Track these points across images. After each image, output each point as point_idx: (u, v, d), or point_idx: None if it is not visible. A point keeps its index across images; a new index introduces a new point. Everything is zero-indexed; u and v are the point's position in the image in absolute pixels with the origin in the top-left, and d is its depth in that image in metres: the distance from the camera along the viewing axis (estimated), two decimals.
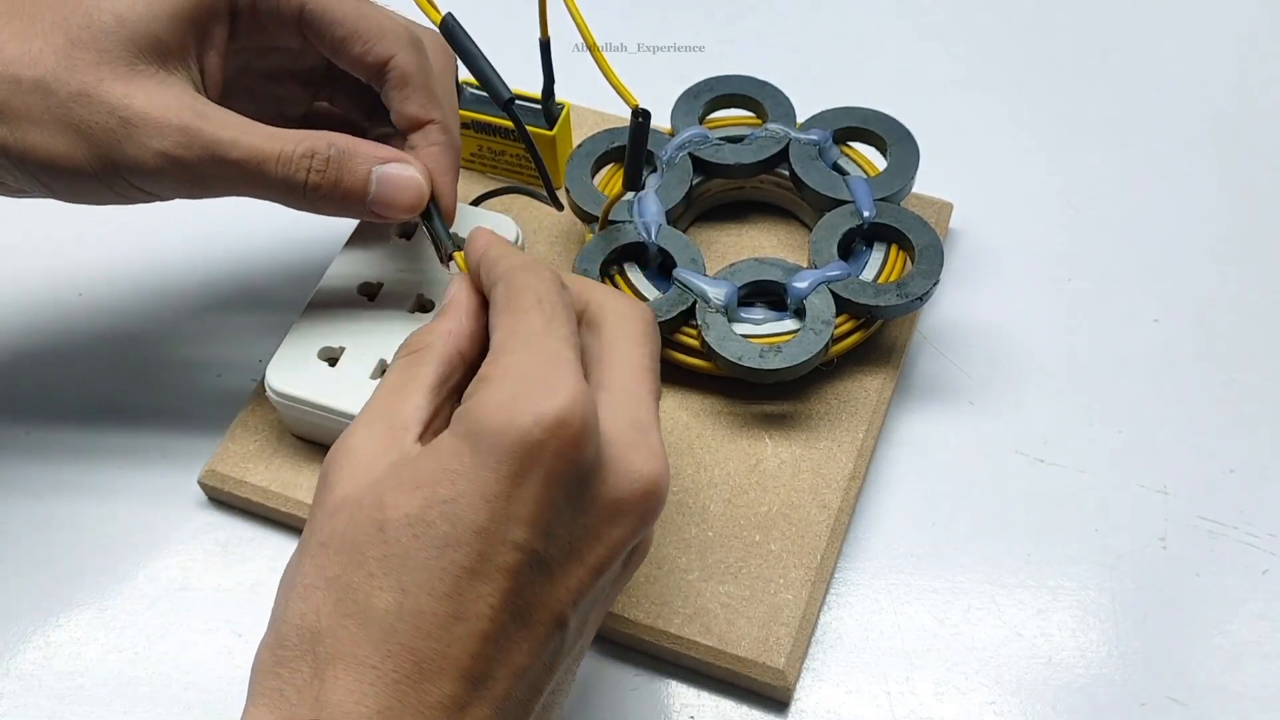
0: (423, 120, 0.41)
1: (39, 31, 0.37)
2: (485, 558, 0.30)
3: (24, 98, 0.37)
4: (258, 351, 0.49)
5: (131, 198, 0.39)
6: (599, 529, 0.31)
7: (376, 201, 0.39)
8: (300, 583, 0.31)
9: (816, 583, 0.42)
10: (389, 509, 0.30)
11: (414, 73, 0.40)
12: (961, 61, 0.60)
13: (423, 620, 0.29)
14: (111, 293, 0.51)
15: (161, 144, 0.37)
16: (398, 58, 0.40)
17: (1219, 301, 0.50)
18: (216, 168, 0.38)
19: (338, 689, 0.29)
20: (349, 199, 0.39)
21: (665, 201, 0.47)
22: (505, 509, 0.30)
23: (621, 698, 0.41)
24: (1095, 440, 0.46)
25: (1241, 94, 0.58)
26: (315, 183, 0.39)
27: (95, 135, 0.37)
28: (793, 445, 0.45)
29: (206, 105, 0.38)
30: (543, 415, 0.30)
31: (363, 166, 0.39)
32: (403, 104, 0.41)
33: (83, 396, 0.48)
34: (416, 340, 0.35)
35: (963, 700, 0.41)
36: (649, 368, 0.35)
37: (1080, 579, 0.43)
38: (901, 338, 0.48)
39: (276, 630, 0.31)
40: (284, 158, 0.38)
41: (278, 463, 0.45)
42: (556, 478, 0.30)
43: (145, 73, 0.38)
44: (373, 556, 0.30)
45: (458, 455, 0.30)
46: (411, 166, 0.40)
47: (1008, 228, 0.53)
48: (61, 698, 0.42)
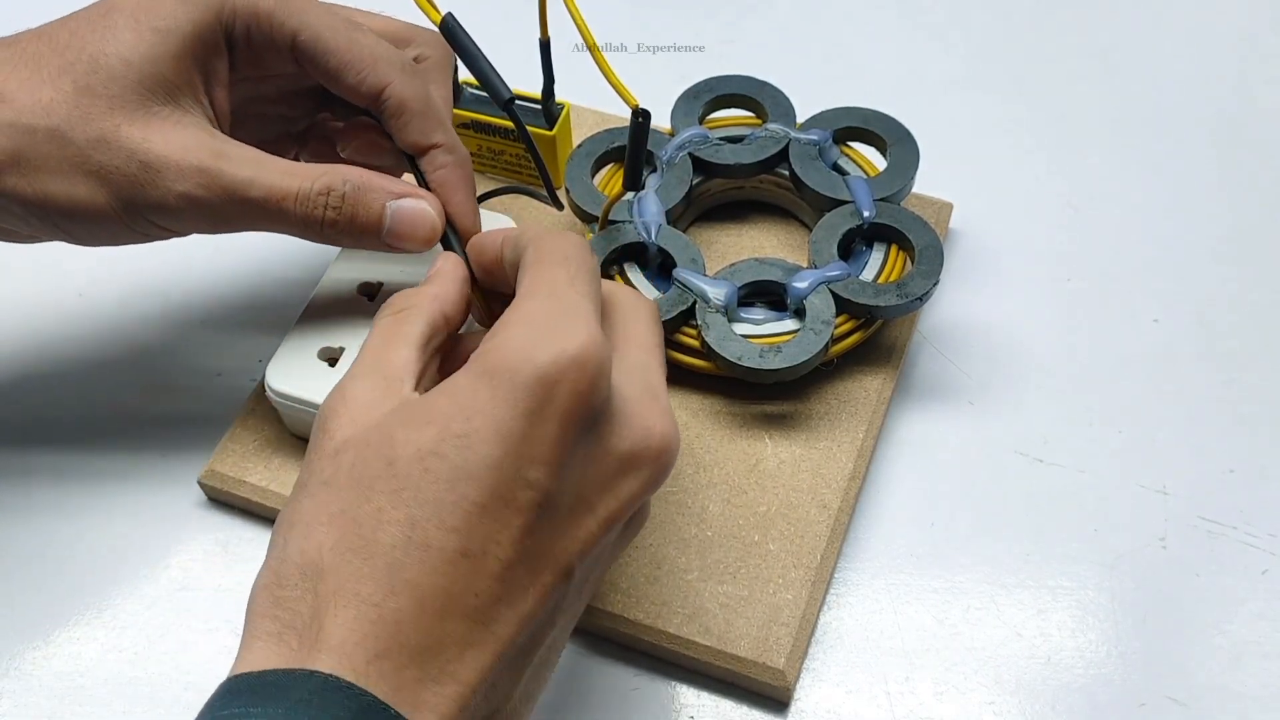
0: (424, 146, 0.41)
1: (46, 79, 0.38)
2: (498, 494, 0.29)
3: (40, 147, 0.37)
4: (258, 351, 0.49)
5: (152, 236, 0.40)
6: (611, 480, 0.32)
7: (391, 234, 0.40)
8: (301, 520, 0.30)
9: (816, 583, 0.42)
10: (399, 445, 0.30)
11: (410, 99, 0.41)
12: (961, 61, 0.60)
13: (429, 555, 0.29)
14: (111, 294, 0.51)
15: (183, 186, 0.38)
16: (392, 86, 0.40)
17: (1219, 301, 0.50)
18: (236, 207, 0.38)
19: (338, 628, 0.28)
20: (364, 233, 0.40)
21: (665, 201, 0.47)
22: (520, 447, 0.30)
23: (621, 698, 0.41)
24: (1095, 440, 0.46)
25: (1241, 94, 0.58)
26: (332, 219, 0.39)
27: (116, 180, 0.38)
28: (792, 445, 0.45)
29: (224, 143, 0.39)
30: (560, 354, 0.30)
31: (377, 202, 0.40)
32: (402, 132, 0.41)
33: (82, 397, 0.48)
34: (401, 300, 0.36)
35: (962, 700, 0.41)
36: (659, 345, 0.36)
37: (1080, 579, 0.43)
38: (901, 338, 0.48)
39: (275, 570, 0.30)
40: (302, 195, 0.39)
41: (278, 463, 0.45)
42: (571, 419, 0.30)
43: (160, 114, 0.38)
44: (381, 491, 0.30)
45: (473, 392, 0.30)
46: (424, 201, 0.40)
47: (1008, 228, 0.53)
48: (61, 698, 0.42)
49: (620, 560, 0.42)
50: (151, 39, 0.38)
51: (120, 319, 0.50)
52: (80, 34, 0.38)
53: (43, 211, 0.38)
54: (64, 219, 0.38)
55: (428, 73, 0.42)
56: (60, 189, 0.38)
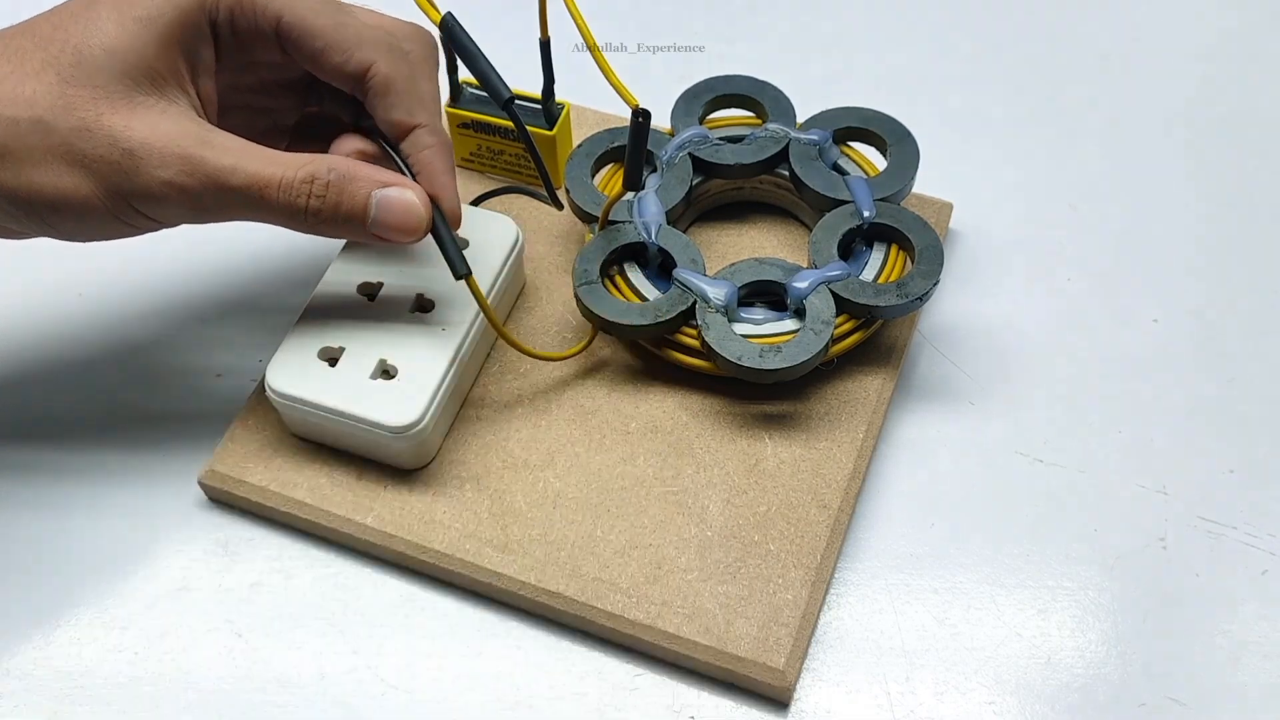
0: (408, 125, 0.41)
1: (30, 73, 0.38)
2: None
3: (23, 139, 0.37)
4: (258, 352, 0.49)
5: (140, 227, 0.40)
6: None
7: (377, 224, 0.40)
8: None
9: (816, 583, 0.42)
10: None
11: (395, 79, 0.40)
12: (962, 61, 0.60)
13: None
14: (111, 294, 0.51)
15: (166, 173, 0.38)
16: (376, 65, 0.40)
17: (1219, 301, 0.50)
18: (219, 194, 0.38)
19: None
20: (349, 222, 0.40)
21: (665, 201, 0.47)
22: None
23: (622, 697, 0.41)
24: (1095, 440, 0.46)
25: (1241, 94, 0.58)
26: (315, 207, 0.39)
27: (100, 168, 0.38)
28: (792, 445, 0.45)
29: (209, 131, 0.39)
30: None
31: (362, 191, 0.40)
32: (386, 111, 0.41)
33: (83, 397, 0.48)
34: None
35: (962, 700, 0.41)
36: None
37: (1080, 579, 0.43)
38: (901, 338, 0.48)
39: None
40: (285, 183, 0.39)
41: (278, 463, 0.45)
42: None
43: (145, 103, 0.38)
44: None
45: None
46: (410, 191, 0.40)
47: (1008, 228, 0.53)
48: (61, 698, 0.42)
49: (620, 560, 0.42)
50: (135, 28, 0.38)
51: (120, 319, 0.51)
52: (63, 26, 0.38)
53: (29, 205, 0.38)
54: (50, 212, 0.38)
55: (414, 64, 0.42)
56: (45, 179, 0.38)
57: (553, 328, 0.48)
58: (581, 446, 0.45)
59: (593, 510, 0.43)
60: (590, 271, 0.45)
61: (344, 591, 0.44)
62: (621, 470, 0.44)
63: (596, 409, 0.46)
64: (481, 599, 0.43)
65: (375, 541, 0.43)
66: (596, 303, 0.45)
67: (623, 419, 0.46)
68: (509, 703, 0.41)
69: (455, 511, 0.43)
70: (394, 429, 0.42)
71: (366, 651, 0.42)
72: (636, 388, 0.46)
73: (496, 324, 0.43)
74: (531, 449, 0.45)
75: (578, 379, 0.47)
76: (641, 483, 0.44)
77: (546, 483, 0.44)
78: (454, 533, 0.43)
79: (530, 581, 0.42)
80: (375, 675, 0.42)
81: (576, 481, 0.44)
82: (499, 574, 0.42)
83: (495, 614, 0.43)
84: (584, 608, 0.41)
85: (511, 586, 0.42)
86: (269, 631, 0.43)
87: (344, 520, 0.43)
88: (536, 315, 0.49)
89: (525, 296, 0.49)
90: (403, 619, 0.43)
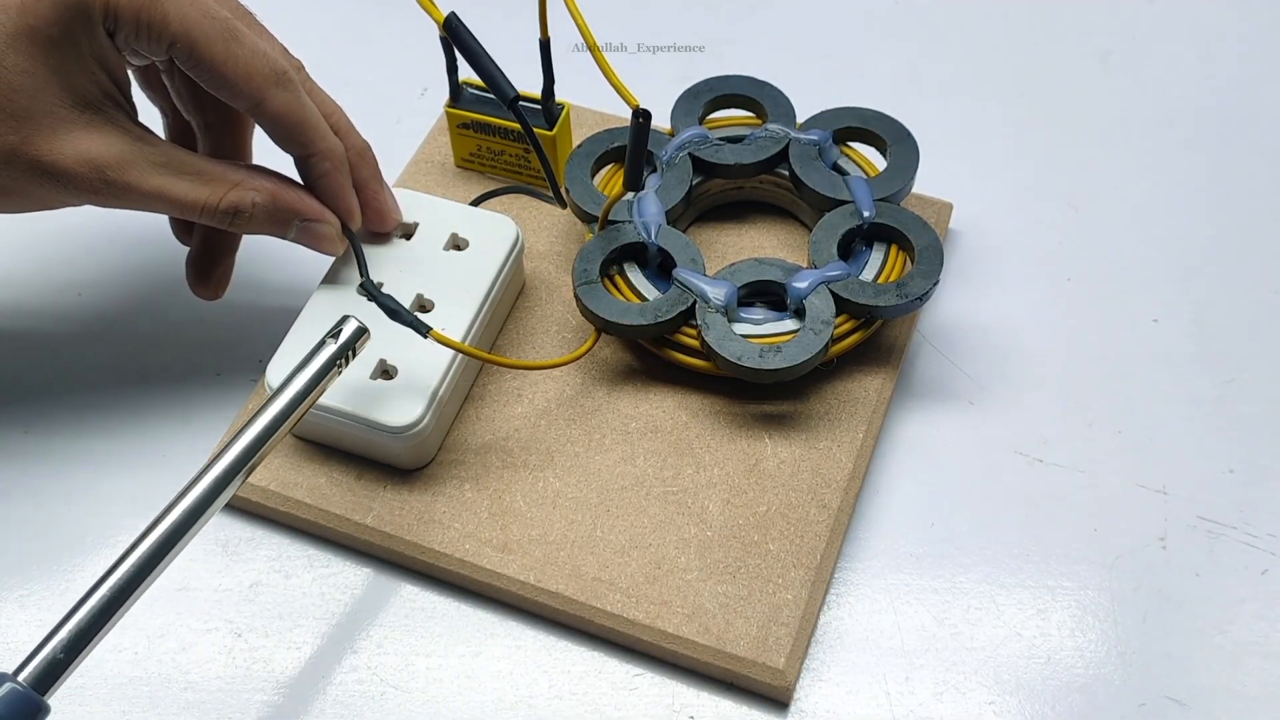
0: (303, 156, 0.43)
1: None
2: None
3: None
4: (258, 351, 0.49)
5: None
6: None
7: (297, 242, 0.44)
8: None
9: (816, 583, 0.42)
10: None
11: (283, 114, 0.41)
12: (962, 62, 0.60)
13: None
14: (111, 293, 0.51)
15: (87, 199, 0.40)
16: (263, 104, 0.41)
17: (1218, 301, 0.50)
18: (143, 209, 0.41)
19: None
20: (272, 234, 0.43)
21: (665, 201, 0.47)
22: None
23: (621, 697, 0.41)
24: (1095, 440, 0.46)
25: (1241, 94, 0.58)
26: (238, 227, 0.42)
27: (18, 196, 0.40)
28: (792, 445, 0.45)
29: (137, 148, 0.40)
30: None
31: (284, 224, 0.43)
32: (280, 144, 0.42)
33: (82, 396, 0.48)
34: None
35: (962, 700, 0.41)
36: None
37: (1080, 579, 0.43)
38: (901, 338, 0.48)
39: None
40: (208, 208, 0.41)
41: (278, 463, 0.45)
42: None
43: (76, 121, 0.39)
44: None
45: None
46: (327, 224, 0.43)
47: (1008, 228, 0.53)
48: (62, 698, 0.41)
49: (620, 560, 0.42)
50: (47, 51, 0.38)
51: (120, 319, 0.51)
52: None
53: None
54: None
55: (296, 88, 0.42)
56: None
57: (552, 327, 0.48)
58: (581, 446, 0.45)
59: (592, 510, 0.43)
60: (590, 271, 0.45)
61: (344, 591, 0.44)
62: (621, 470, 0.44)
63: (596, 409, 0.46)
64: (481, 599, 0.43)
65: (375, 541, 0.43)
66: (596, 303, 0.45)
67: (623, 419, 0.46)
68: (508, 703, 0.41)
69: (455, 511, 0.43)
70: (394, 429, 0.42)
71: (366, 651, 0.42)
72: (636, 388, 0.46)
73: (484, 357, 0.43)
74: (531, 449, 0.45)
75: (578, 379, 0.47)
76: (641, 483, 0.44)
77: (546, 482, 0.44)
78: (453, 532, 0.43)
79: (529, 581, 0.42)
80: (374, 675, 0.42)
81: (576, 481, 0.44)
82: (498, 574, 0.42)
83: (494, 614, 0.43)
84: (583, 607, 0.41)
85: (511, 586, 0.42)
86: (268, 631, 0.43)
87: (343, 520, 0.43)
88: (536, 315, 0.49)
89: (525, 296, 0.49)
90: (402, 619, 0.43)
